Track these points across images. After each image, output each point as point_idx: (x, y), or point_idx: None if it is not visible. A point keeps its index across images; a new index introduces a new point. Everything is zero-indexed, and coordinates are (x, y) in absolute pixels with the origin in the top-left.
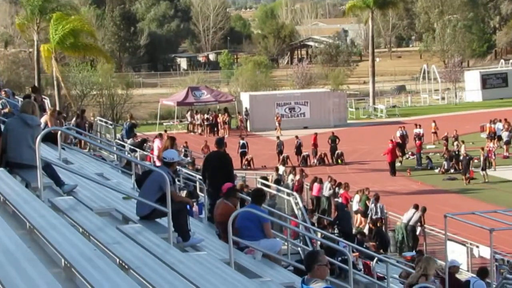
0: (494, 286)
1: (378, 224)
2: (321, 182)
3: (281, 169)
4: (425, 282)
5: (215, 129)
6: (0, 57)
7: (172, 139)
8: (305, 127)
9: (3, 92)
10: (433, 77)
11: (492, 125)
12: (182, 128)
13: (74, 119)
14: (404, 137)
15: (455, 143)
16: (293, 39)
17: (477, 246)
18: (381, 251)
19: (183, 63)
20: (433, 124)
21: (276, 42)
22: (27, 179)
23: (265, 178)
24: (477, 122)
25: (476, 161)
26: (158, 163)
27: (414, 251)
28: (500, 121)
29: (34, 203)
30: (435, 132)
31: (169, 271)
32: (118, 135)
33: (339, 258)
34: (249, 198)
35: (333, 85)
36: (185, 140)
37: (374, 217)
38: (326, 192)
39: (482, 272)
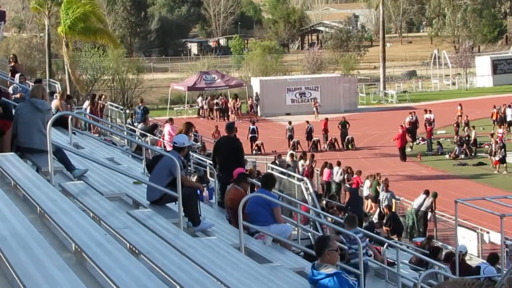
0: (504, 271)
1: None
2: (331, 167)
3: (287, 156)
4: None
5: (226, 114)
6: (15, 41)
7: (189, 125)
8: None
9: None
10: (443, 62)
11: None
12: (192, 113)
13: (86, 103)
14: (414, 122)
15: (465, 128)
16: (303, 24)
17: (488, 232)
18: (393, 236)
19: (193, 48)
20: (458, 108)
21: (287, 27)
22: (37, 164)
23: (275, 163)
24: (488, 108)
25: (486, 146)
26: (169, 148)
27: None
28: (510, 106)
29: (44, 187)
30: (461, 116)
31: (179, 256)
32: (129, 120)
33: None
34: (259, 183)
35: (343, 70)
36: (195, 125)
37: (383, 204)
38: (337, 177)
39: (493, 258)
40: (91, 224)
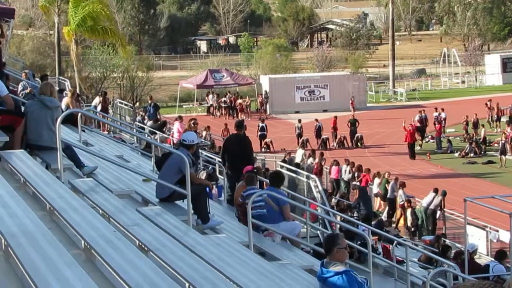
0: None
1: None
2: (338, 164)
3: (300, 152)
4: None
5: (235, 111)
6: (29, 39)
7: (192, 120)
8: (325, 110)
9: (23, 74)
10: (453, 60)
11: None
12: (202, 111)
13: (97, 99)
14: (423, 121)
15: (472, 128)
16: (313, 22)
17: (497, 231)
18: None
19: (203, 45)
20: (488, 103)
21: (296, 25)
22: (47, 161)
23: (285, 161)
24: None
25: (496, 145)
26: None
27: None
28: None
29: (54, 184)
30: (492, 109)
31: (189, 253)
32: (138, 117)
33: (359, 242)
34: (267, 181)
35: (353, 68)
36: (203, 122)
37: (401, 202)
38: (345, 176)
39: (501, 255)
40: (100, 221)
